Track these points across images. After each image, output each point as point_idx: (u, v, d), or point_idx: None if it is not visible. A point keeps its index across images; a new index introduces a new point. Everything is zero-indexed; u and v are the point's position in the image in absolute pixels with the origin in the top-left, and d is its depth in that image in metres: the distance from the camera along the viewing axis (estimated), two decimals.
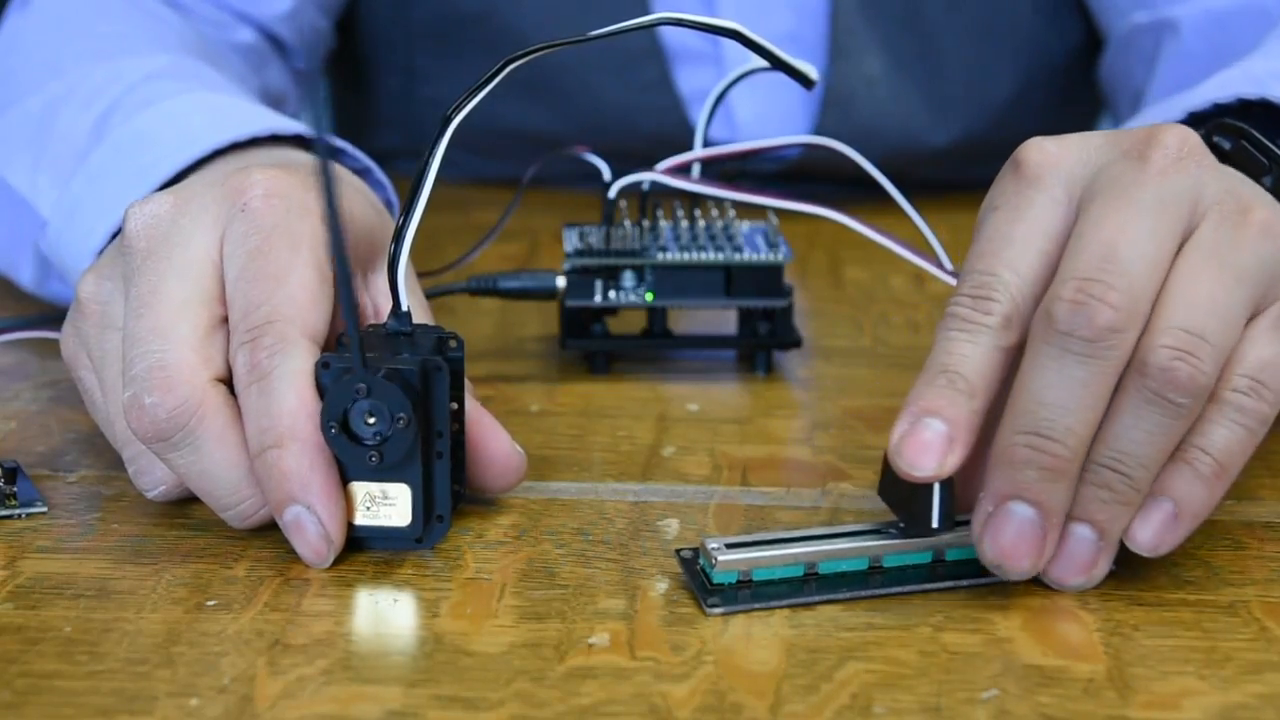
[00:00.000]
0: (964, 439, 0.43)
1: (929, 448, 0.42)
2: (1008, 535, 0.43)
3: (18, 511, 0.49)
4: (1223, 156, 0.53)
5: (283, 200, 0.49)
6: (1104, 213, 0.43)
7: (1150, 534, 0.44)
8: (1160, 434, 0.42)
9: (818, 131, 0.87)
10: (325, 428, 0.44)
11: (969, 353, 0.43)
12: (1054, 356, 0.42)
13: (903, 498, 0.45)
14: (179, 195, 0.50)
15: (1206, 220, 0.44)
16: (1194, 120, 0.58)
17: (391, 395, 0.44)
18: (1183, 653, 0.41)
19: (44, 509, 0.49)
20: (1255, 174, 0.52)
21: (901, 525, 0.45)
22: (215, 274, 0.48)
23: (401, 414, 0.44)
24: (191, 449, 0.46)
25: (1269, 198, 0.46)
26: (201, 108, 0.62)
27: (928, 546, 0.45)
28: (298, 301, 0.46)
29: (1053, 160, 0.45)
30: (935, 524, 0.44)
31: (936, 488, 0.44)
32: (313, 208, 0.49)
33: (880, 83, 0.90)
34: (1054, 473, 0.42)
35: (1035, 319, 0.43)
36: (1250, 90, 0.56)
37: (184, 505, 0.50)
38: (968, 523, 0.45)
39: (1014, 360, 0.44)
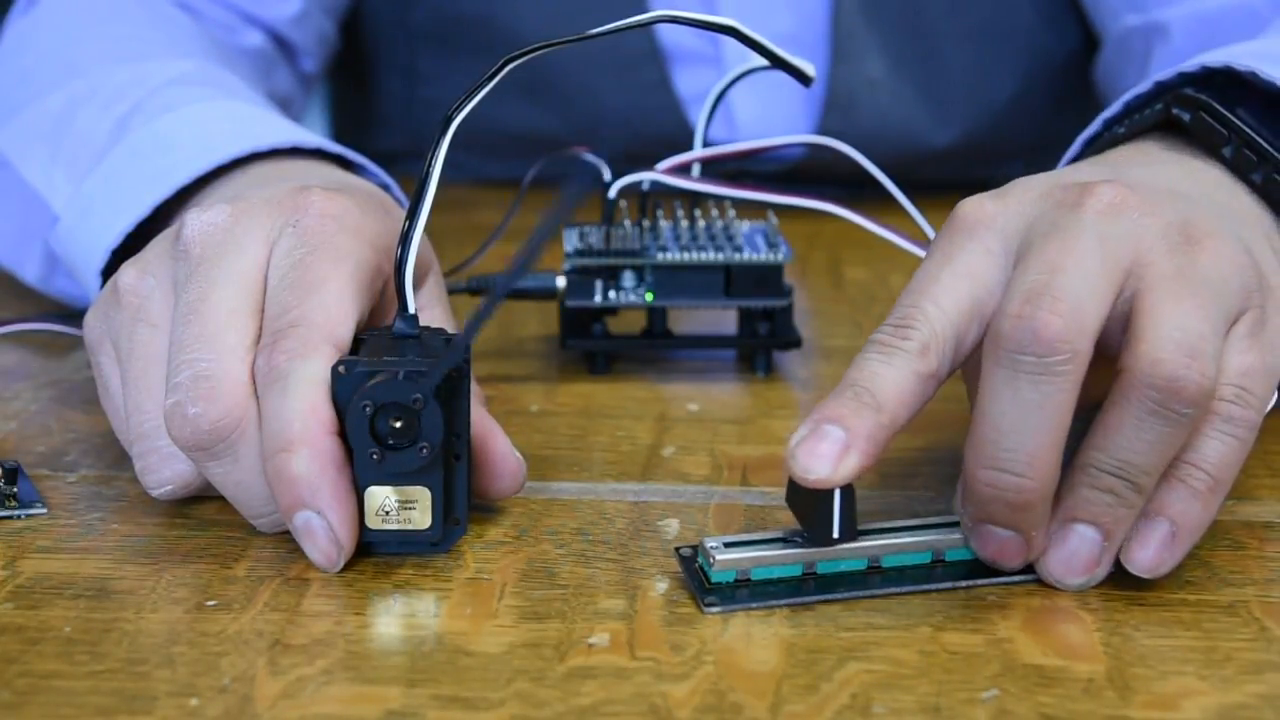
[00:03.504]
0: (863, 449, 0.42)
1: (823, 454, 0.42)
2: (991, 549, 0.44)
3: (18, 512, 0.49)
4: (1182, 128, 0.53)
5: (335, 220, 0.49)
6: (1045, 245, 0.44)
7: (1150, 556, 0.44)
8: (1163, 442, 0.43)
9: (819, 133, 0.87)
10: (366, 454, 0.44)
11: (881, 372, 0.43)
12: (1006, 380, 0.42)
13: (806, 508, 0.44)
14: (237, 206, 0.50)
15: (1157, 255, 0.44)
16: (1161, 91, 0.58)
17: (398, 389, 0.44)
18: (1183, 653, 0.41)
19: (44, 510, 0.49)
20: (1215, 145, 0.52)
21: (805, 535, 0.45)
22: (263, 286, 0.48)
23: (417, 395, 0.44)
24: (231, 460, 0.46)
25: (1211, 223, 0.46)
26: (223, 115, 0.62)
27: (927, 546, 0.45)
28: (327, 309, 0.47)
29: (989, 216, 0.46)
30: (836, 534, 0.44)
31: (836, 497, 0.43)
32: (363, 230, 0.50)
33: (881, 85, 0.90)
34: (1020, 506, 0.42)
35: (985, 344, 0.43)
36: (1215, 59, 0.56)
37: (184, 505, 0.50)
38: (871, 532, 0.45)
39: (932, 391, 0.44)
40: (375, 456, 0.44)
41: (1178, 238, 0.45)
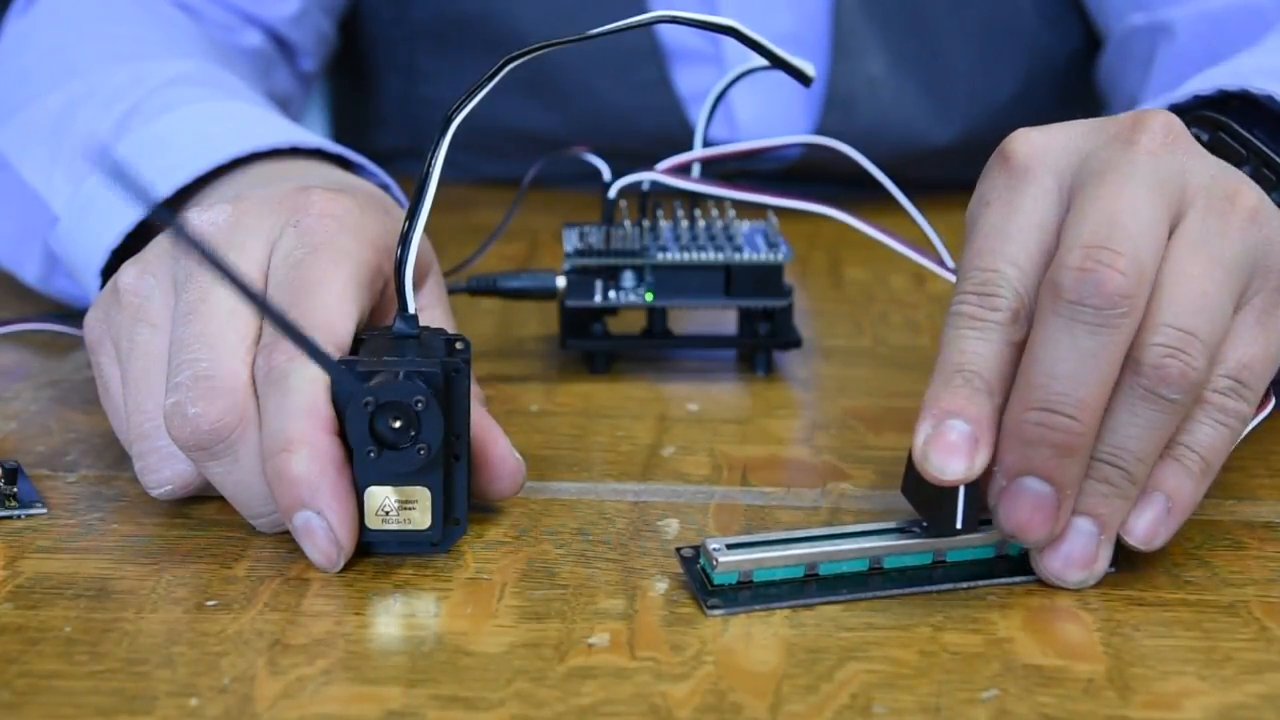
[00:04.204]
0: (988, 438, 0.43)
1: (956, 450, 0.42)
2: (1023, 510, 0.43)
3: (18, 512, 0.49)
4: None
5: (335, 220, 0.49)
6: (1100, 188, 0.44)
7: (1145, 527, 0.44)
8: (1155, 428, 0.43)
9: (820, 132, 0.87)
10: (363, 454, 0.44)
11: (982, 350, 0.43)
12: (1063, 328, 0.42)
13: (928, 499, 0.44)
14: (238, 206, 0.50)
15: (1193, 208, 0.44)
16: (1176, 112, 0.58)
17: (402, 389, 0.44)
18: (1183, 653, 0.41)
19: (44, 510, 0.49)
20: (1234, 164, 0.52)
21: (924, 525, 0.45)
22: (264, 285, 0.48)
23: (420, 397, 0.44)
24: (230, 459, 0.46)
25: (1252, 182, 0.46)
26: (222, 115, 0.62)
27: (928, 547, 0.45)
28: (328, 309, 0.47)
29: (1040, 151, 0.46)
30: (959, 525, 0.44)
31: (962, 489, 0.44)
32: (364, 230, 0.50)
33: (882, 83, 0.90)
34: (1067, 449, 0.42)
35: (1042, 291, 0.43)
36: (1230, 82, 0.57)
37: (184, 505, 0.50)
38: (989, 522, 0.45)
39: (1020, 356, 0.44)
40: (371, 454, 0.44)
41: (1220, 190, 0.45)
